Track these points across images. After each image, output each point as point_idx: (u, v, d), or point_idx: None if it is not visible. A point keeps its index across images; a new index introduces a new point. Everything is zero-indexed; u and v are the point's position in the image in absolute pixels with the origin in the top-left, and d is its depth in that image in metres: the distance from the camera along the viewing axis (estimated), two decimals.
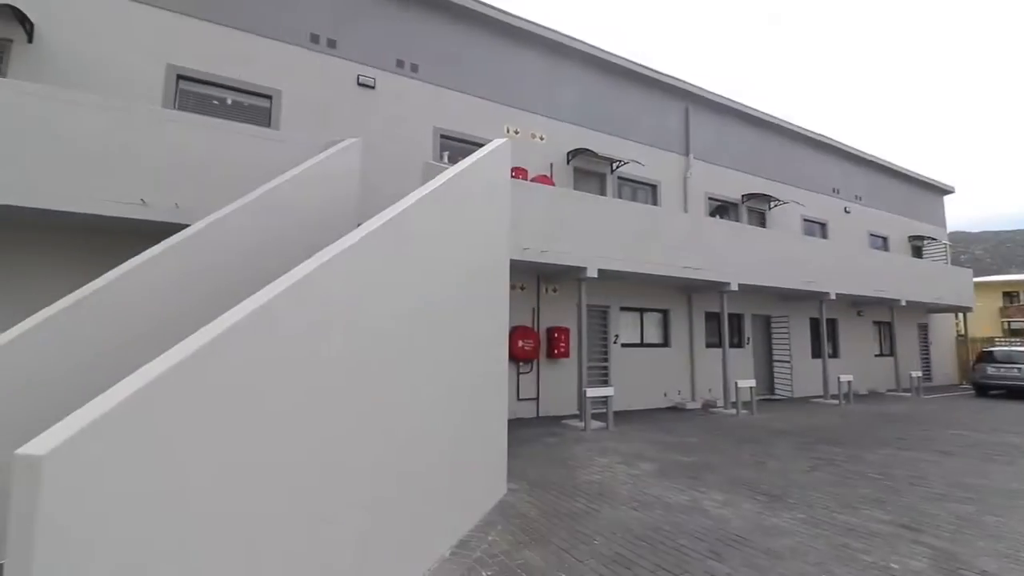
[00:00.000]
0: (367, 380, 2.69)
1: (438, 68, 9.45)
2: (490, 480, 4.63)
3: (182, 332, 3.24)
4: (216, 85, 7.58)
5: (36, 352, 2.62)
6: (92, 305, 2.77)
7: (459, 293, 3.94)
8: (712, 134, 13.53)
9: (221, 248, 3.68)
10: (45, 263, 6.16)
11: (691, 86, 13.04)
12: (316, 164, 4.80)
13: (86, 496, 1.37)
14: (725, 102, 13.73)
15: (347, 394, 2.52)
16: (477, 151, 4.76)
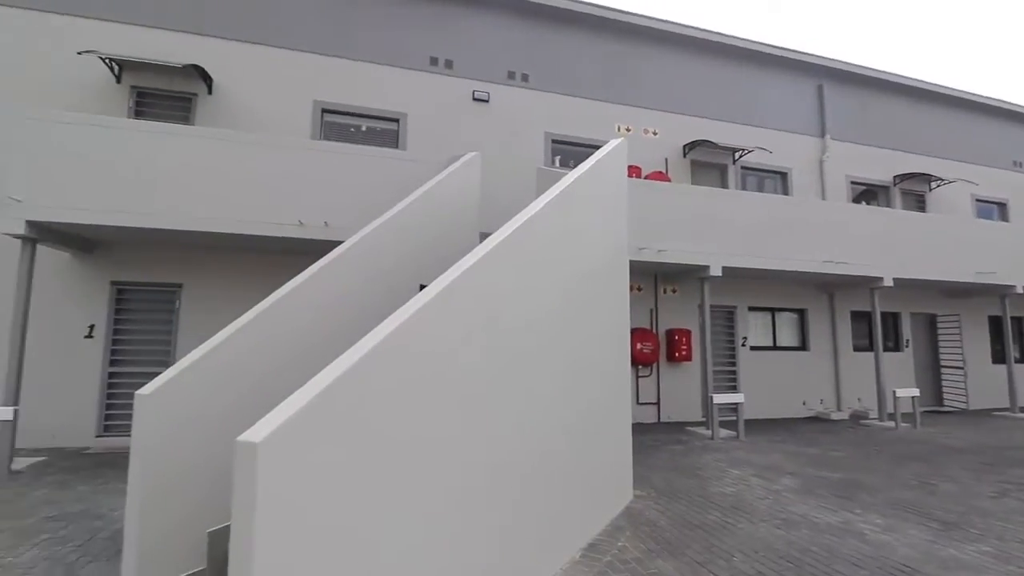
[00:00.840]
0: (502, 383, 2.83)
1: (547, 75, 9.59)
2: (616, 484, 4.59)
3: (346, 336, 3.69)
4: (353, 115, 8.46)
5: (244, 346, 3.15)
6: (274, 313, 3.26)
7: (581, 295, 3.97)
8: (852, 110, 12.06)
9: (369, 262, 4.10)
10: (234, 276, 7.35)
11: (825, 59, 11.74)
12: (442, 180, 5.14)
13: (291, 472, 1.66)
14: (866, 72, 12.16)
15: (486, 397, 2.67)
16: (594, 153, 4.76)
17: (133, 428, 2.62)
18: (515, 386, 2.96)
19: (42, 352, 6.47)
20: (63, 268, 6.86)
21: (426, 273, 4.82)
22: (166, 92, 7.65)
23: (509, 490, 2.85)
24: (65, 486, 5.10)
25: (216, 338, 2.99)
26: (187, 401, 2.75)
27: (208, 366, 2.86)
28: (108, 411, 6.93)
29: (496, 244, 2.82)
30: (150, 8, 7.67)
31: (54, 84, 7.13)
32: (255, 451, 1.53)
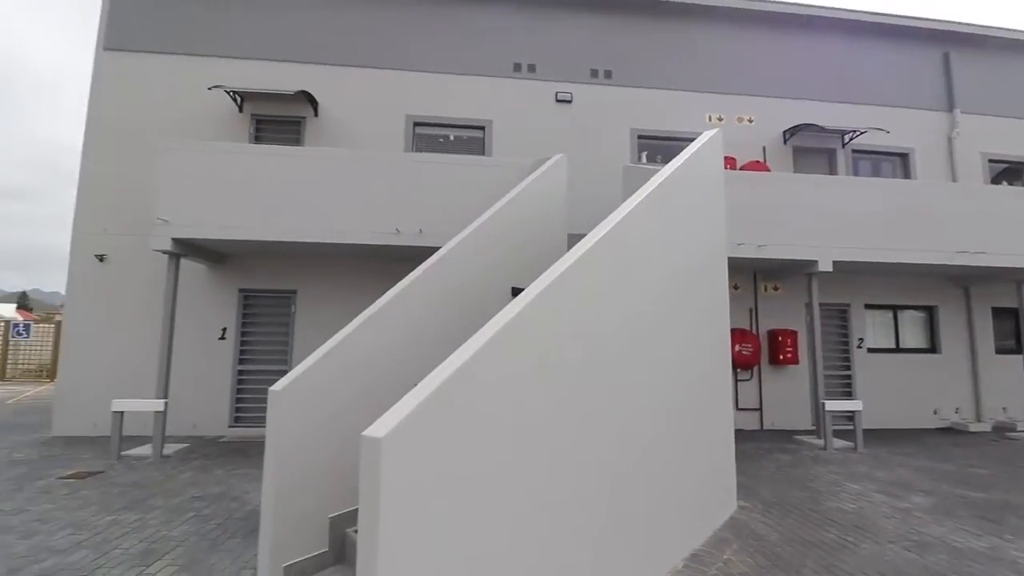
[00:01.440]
0: (601, 383, 2.82)
1: (630, 70, 9.37)
2: (719, 493, 4.38)
3: (449, 334, 3.89)
4: (441, 125, 8.83)
5: (361, 343, 3.43)
6: (385, 313, 3.53)
7: (678, 295, 3.85)
8: (987, 78, 10.51)
9: (464, 265, 4.26)
10: (340, 282, 7.98)
11: (950, 24, 10.36)
12: (530, 183, 5.20)
13: (411, 464, 1.79)
14: (1000, 35, 10.55)
15: (586, 397, 2.68)
16: (687, 146, 4.58)
17: (268, 422, 2.93)
18: (613, 387, 2.94)
19: (184, 352, 7.40)
20: (200, 278, 7.82)
21: (517, 275, 4.93)
22: (279, 117, 8.46)
23: (607, 492, 2.82)
24: (206, 470, 5.81)
25: (337, 337, 3.26)
26: (313, 395, 3.03)
27: (330, 363, 3.13)
28: (238, 404, 7.80)
29: (592, 244, 2.82)
30: (264, 43, 8.53)
31: (190, 117, 8.15)
32: (379, 446, 1.65)
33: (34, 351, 16.21)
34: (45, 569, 3.33)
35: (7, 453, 6.42)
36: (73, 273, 7.67)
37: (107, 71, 8.18)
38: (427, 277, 3.86)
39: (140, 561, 3.48)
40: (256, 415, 7.78)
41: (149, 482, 5.32)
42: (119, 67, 8.19)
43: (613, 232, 3.03)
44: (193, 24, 8.46)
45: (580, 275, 2.74)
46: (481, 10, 9.10)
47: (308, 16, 8.68)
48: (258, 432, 7.62)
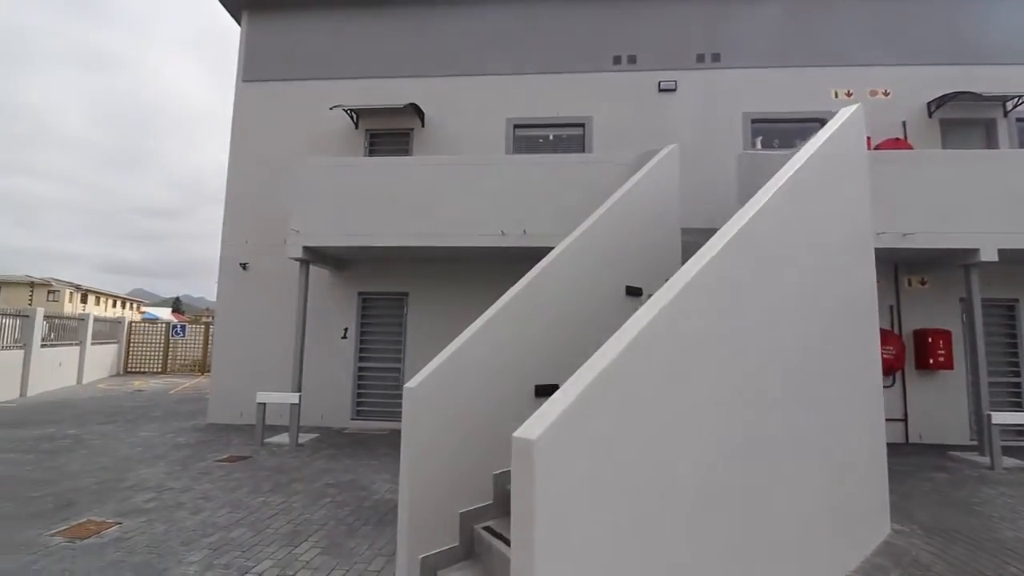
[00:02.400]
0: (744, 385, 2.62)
1: (742, 50, 8.72)
2: (870, 513, 3.90)
3: (569, 333, 3.87)
4: (541, 126, 8.84)
5: (487, 340, 3.51)
6: (508, 312, 3.58)
7: (820, 290, 3.49)
8: None
9: (577, 265, 4.19)
10: (447, 284, 8.30)
11: None
12: (642, 177, 5.01)
13: (564, 464, 1.77)
14: None
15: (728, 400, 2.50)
16: (826, 126, 4.14)
17: (404, 417, 3.07)
18: (755, 389, 2.71)
19: (312, 350, 8.10)
20: (325, 283, 8.51)
21: (632, 273, 4.77)
22: (391, 131, 8.99)
23: (750, 507, 2.60)
24: (335, 459, 6.29)
25: (462, 336, 3.35)
26: (442, 391, 3.14)
27: (456, 361, 3.22)
28: (359, 399, 8.38)
29: (731, 237, 2.63)
30: (377, 62, 9.11)
31: (315, 137, 8.93)
32: (532, 448, 1.64)
33: (188, 348, 18.72)
34: (212, 543, 3.77)
35: (172, 438, 7.43)
36: (222, 281, 8.71)
37: (245, 100, 9.20)
38: (542, 277, 3.84)
39: (289, 541, 3.82)
40: (374, 409, 8.31)
41: (288, 468, 5.87)
42: (255, 96, 9.18)
43: (752, 222, 2.80)
44: (315, 51, 9.26)
45: (721, 269, 2.55)
46: (576, 5, 8.98)
47: (414, 33, 9.14)
48: (376, 425, 8.14)
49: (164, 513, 4.36)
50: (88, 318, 15.04)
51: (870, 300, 4.17)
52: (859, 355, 3.94)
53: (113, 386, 13.99)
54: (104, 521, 4.14)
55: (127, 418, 9.03)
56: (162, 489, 5.03)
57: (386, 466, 6.00)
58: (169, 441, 7.22)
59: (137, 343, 17.90)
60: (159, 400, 11.41)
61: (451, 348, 3.25)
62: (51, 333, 13.24)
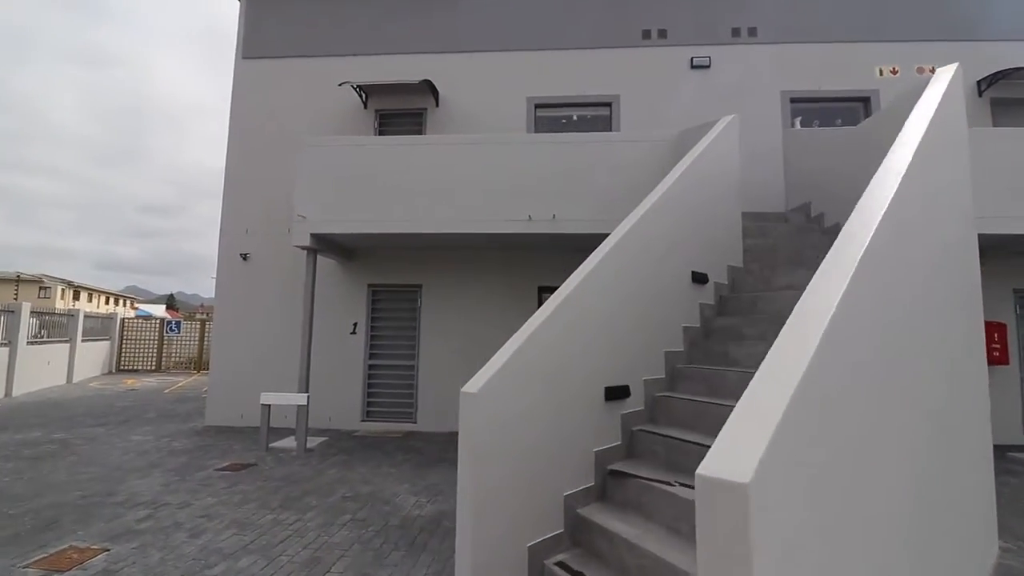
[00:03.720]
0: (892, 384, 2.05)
1: (779, 23, 8.13)
2: (977, 530, 3.35)
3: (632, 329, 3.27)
4: (564, 105, 8.23)
5: (544, 338, 2.88)
6: (565, 308, 2.96)
7: (939, 280, 2.92)
8: None
9: (639, 251, 3.57)
10: (464, 275, 7.70)
11: None
12: (703, 151, 4.39)
13: (779, 508, 1.18)
14: None
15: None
16: (926, 98, 3.56)
17: (461, 428, 2.48)
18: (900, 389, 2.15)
19: (319, 346, 7.49)
20: (332, 274, 7.89)
21: (695, 257, 4.18)
22: (402, 111, 8.35)
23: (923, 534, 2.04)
24: (349, 467, 5.69)
25: (523, 333, 2.77)
26: (503, 398, 2.54)
27: (518, 361, 2.62)
28: (369, 399, 7.78)
29: (880, 219, 2.05)
30: (387, 38, 8.46)
31: (319, 117, 8.28)
32: (742, 495, 1.06)
33: (183, 345, 18.04)
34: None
35: (168, 442, 6.81)
36: (221, 272, 8.07)
37: (245, 79, 8.54)
38: (603, 266, 3.23)
39: (307, 571, 3.23)
40: (386, 410, 7.72)
41: (299, 477, 5.27)
42: (255, 74, 8.52)
43: (895, 203, 2.22)
44: (319, 26, 8.60)
45: (876, 256, 1.98)
46: None
47: (426, 5, 8.49)
48: (388, 427, 7.54)
49: (159, 536, 3.76)
50: (78, 314, 14.34)
51: (976, 292, 3.63)
52: (970, 350, 3.39)
53: (105, 385, 13.32)
54: (88, 548, 3.53)
55: (119, 419, 8.40)
56: (157, 505, 4.43)
57: (406, 475, 5.41)
58: (164, 446, 6.60)
59: (130, 340, 17.21)
60: (153, 399, 10.77)
61: (512, 346, 2.65)
62: (40, 330, 12.55)
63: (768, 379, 1.42)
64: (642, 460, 3.10)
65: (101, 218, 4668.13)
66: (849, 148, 5.91)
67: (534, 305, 7.62)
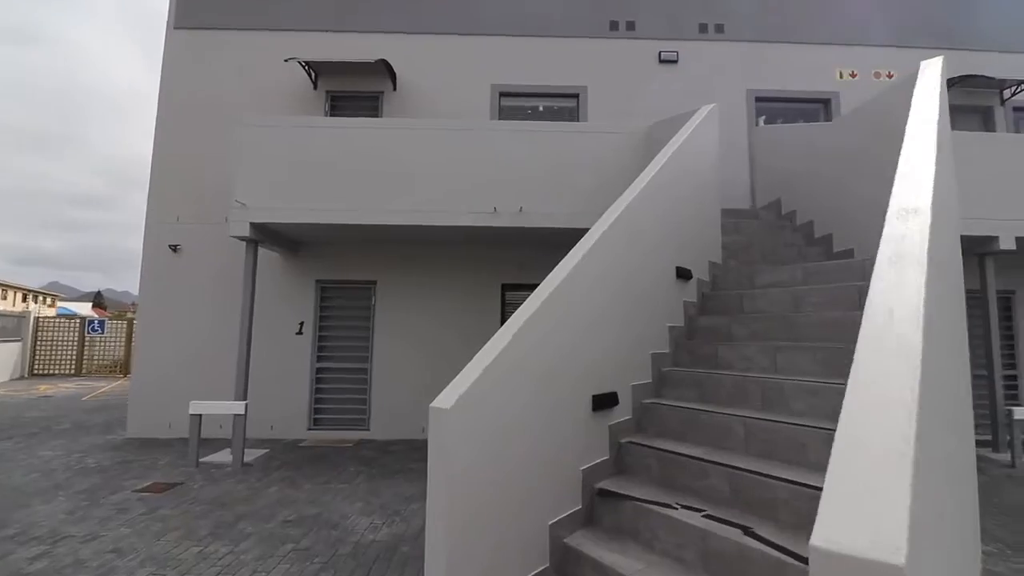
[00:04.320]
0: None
1: (746, 22, 8.09)
2: (973, 534, 3.22)
3: (621, 330, 2.87)
4: (530, 94, 7.87)
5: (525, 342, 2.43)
6: (546, 309, 2.54)
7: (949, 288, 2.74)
8: None
9: (622, 246, 3.22)
10: (423, 270, 7.20)
11: None
12: (685, 142, 4.11)
13: None
14: None
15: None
16: (922, 95, 3.41)
17: (432, 449, 2.02)
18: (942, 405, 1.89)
19: (260, 348, 6.80)
20: (275, 269, 7.19)
21: (678, 254, 3.89)
22: (356, 93, 7.73)
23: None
24: (293, 483, 5.09)
25: (502, 338, 2.32)
26: (481, 412, 2.11)
27: (497, 370, 2.19)
28: (317, 405, 7.13)
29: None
30: (340, 13, 7.82)
31: (261, 97, 7.54)
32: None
33: (108, 347, 16.45)
34: None
35: (79, 458, 5.95)
36: (146, 265, 7.19)
37: (177, 51, 7.67)
38: (589, 258, 2.85)
39: None
40: (336, 417, 7.10)
41: (234, 498, 4.63)
42: (189, 46, 7.67)
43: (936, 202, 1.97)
44: None
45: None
46: None
47: None
48: (338, 436, 6.93)
49: None
50: None
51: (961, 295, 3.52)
52: (958, 352, 3.26)
53: (14, 391, 11.85)
54: None
55: (26, 432, 7.35)
56: (57, 538, 3.71)
57: (358, 491, 4.88)
58: (76, 463, 5.75)
59: (46, 341, 15.51)
60: (69, 408, 9.60)
61: (490, 353, 2.22)
62: None
63: (885, 400, 1.05)
64: (634, 477, 2.76)
65: (22, 210, 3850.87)
66: (820, 146, 5.85)
67: (498, 304, 7.22)
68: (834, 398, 2.53)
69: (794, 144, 6.38)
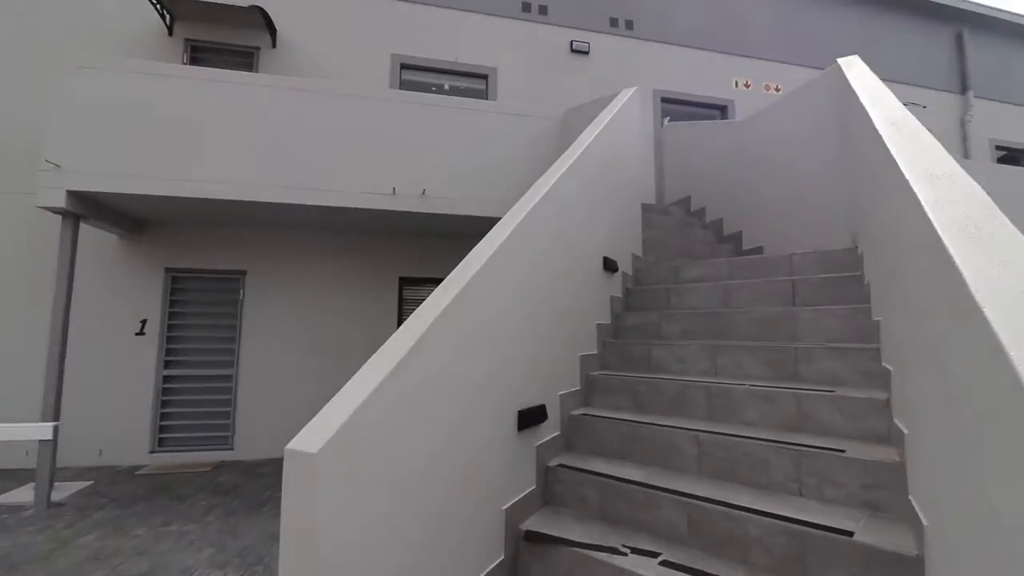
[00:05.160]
0: None
1: (655, 22, 8.11)
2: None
3: (543, 333, 2.31)
4: (435, 70, 7.15)
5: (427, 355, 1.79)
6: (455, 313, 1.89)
7: None
8: (997, 63, 10.20)
9: (541, 237, 2.68)
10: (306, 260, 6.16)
11: (964, 2, 9.94)
12: (609, 124, 3.68)
13: None
14: (1015, 19, 10.29)
15: None
16: (859, 81, 3.31)
17: (285, 511, 1.29)
18: None
19: (87, 353, 5.37)
20: (109, 253, 5.73)
21: (607, 242, 3.46)
22: (224, 46, 6.45)
23: None
24: (119, 528, 3.91)
25: (394, 351, 1.62)
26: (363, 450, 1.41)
27: (394, 388, 1.51)
28: (163, 423, 5.78)
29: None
30: None
31: (92, 38, 6.00)
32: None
33: None
34: None
35: None
36: None
37: None
38: (512, 244, 2.27)
39: None
40: (188, 435, 5.81)
41: (28, 554, 3.40)
42: None
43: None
44: None
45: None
46: None
47: None
48: (192, 459, 5.68)
49: None
50: None
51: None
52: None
53: None
54: None
55: None
56: None
57: (209, 532, 3.85)
58: None
59: None
60: None
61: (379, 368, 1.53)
62: None
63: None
64: (568, 511, 2.23)
65: None
66: (728, 145, 5.87)
67: (395, 299, 6.41)
68: (790, 404, 2.22)
69: (704, 142, 6.39)
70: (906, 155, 1.77)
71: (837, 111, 3.90)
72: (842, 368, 2.33)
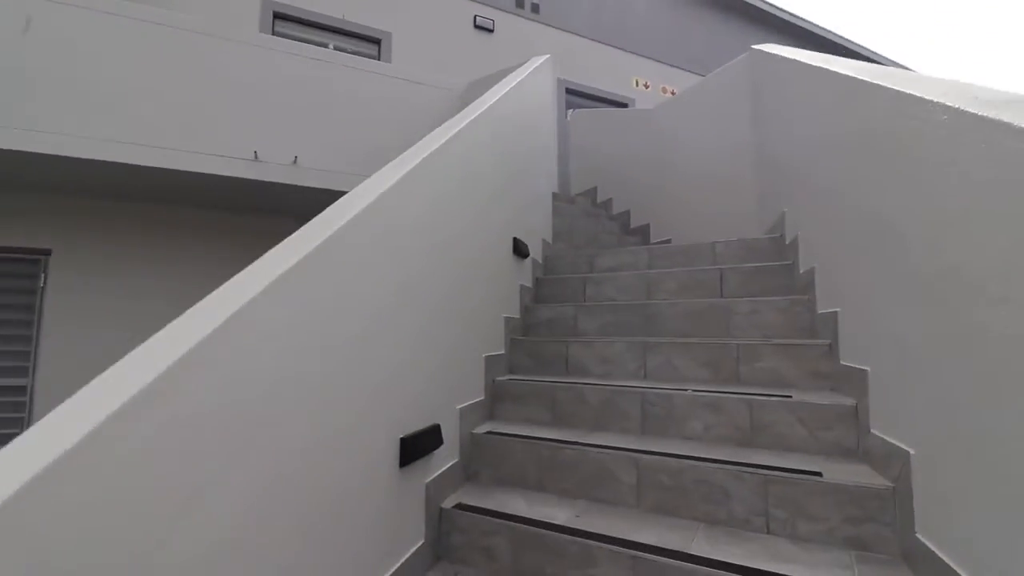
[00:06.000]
0: None
1: (560, 8, 7.81)
2: None
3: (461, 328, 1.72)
4: (317, 26, 6.16)
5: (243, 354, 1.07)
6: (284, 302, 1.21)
7: None
8: None
9: (464, 183, 2.10)
10: (131, 240, 4.87)
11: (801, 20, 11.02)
12: (514, 90, 3.12)
13: None
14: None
15: None
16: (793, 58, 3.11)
17: None
18: None
19: None
20: None
21: (516, 222, 2.90)
22: None
23: None
24: None
25: (182, 341, 0.94)
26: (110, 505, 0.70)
27: (163, 412, 0.82)
28: None
29: None
30: None
31: None
32: None
33: None
34: None
35: None
36: None
37: None
38: (393, 201, 1.61)
39: None
40: None
41: None
42: None
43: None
44: None
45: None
46: None
47: None
48: None
49: None
50: None
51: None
52: None
53: None
54: None
55: None
56: None
57: None
58: None
59: None
60: None
61: (146, 374, 0.84)
62: None
63: None
64: (468, 572, 1.62)
65: None
66: (634, 137, 5.68)
67: None
68: (741, 413, 1.83)
69: (612, 132, 6.15)
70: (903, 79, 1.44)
71: (753, 100, 3.75)
72: (791, 368, 2.01)
